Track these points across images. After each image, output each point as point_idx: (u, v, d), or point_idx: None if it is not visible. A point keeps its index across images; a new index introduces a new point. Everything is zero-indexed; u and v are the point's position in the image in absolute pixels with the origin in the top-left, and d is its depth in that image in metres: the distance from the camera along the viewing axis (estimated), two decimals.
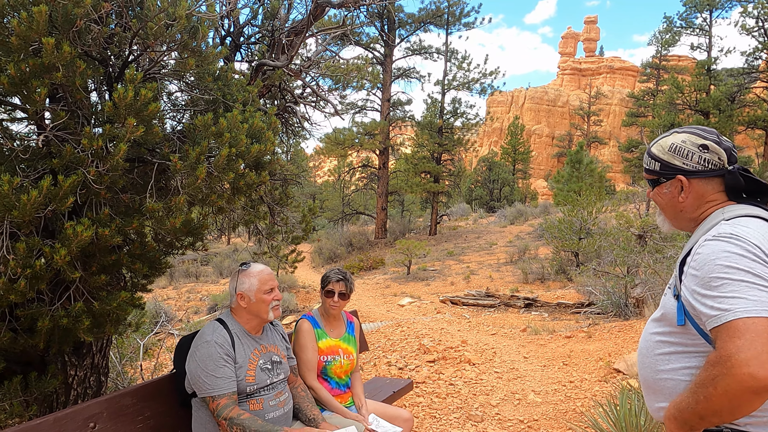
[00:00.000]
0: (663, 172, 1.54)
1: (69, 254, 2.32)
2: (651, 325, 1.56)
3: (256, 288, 2.60)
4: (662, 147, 1.55)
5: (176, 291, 17.41)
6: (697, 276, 1.32)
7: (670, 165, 1.52)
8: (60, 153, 2.37)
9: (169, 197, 2.68)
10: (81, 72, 2.33)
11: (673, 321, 1.43)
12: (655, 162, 1.55)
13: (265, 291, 2.60)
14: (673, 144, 1.52)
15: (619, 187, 49.82)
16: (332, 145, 24.02)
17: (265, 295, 2.59)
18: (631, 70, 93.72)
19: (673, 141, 1.53)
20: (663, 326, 1.49)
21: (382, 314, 11.11)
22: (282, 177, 4.27)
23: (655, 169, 1.56)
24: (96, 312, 2.66)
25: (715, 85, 29.42)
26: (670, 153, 1.52)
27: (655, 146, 1.57)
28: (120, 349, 5.93)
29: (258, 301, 2.59)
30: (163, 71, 2.86)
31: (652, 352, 1.49)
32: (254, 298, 2.60)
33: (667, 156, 1.53)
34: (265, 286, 2.60)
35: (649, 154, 1.58)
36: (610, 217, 14.81)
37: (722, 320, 1.21)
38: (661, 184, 1.57)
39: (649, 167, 1.58)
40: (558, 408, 4.71)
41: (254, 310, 2.61)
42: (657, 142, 1.57)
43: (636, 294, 7.77)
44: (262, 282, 2.61)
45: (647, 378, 1.52)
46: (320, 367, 3.04)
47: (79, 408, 2.36)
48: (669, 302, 1.47)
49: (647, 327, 1.59)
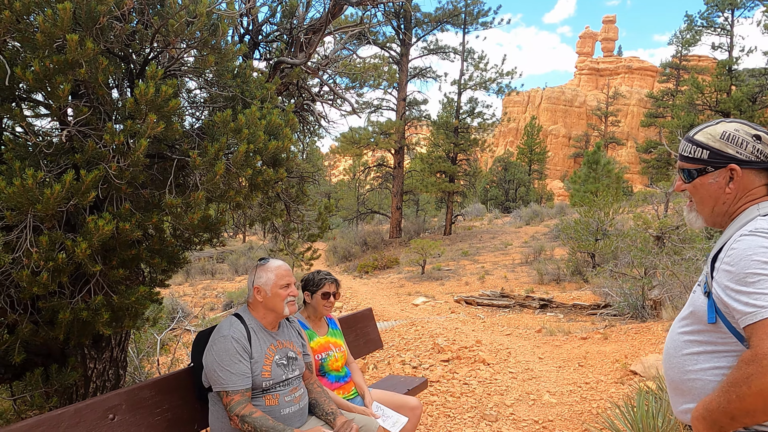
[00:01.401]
0: (712, 160, 1.46)
1: (90, 248, 2.35)
2: (678, 324, 1.52)
3: (273, 282, 2.63)
4: (711, 135, 1.47)
5: (192, 288, 17.59)
6: (730, 271, 1.28)
7: (722, 153, 1.44)
8: (82, 148, 2.40)
9: (188, 193, 2.71)
10: (103, 68, 2.37)
11: (703, 319, 1.39)
12: (702, 150, 1.47)
13: (281, 286, 2.62)
14: (725, 132, 1.45)
15: (636, 188, 49.26)
16: (348, 144, 24.07)
17: (281, 290, 2.62)
18: (650, 70, 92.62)
19: (725, 129, 1.45)
20: (692, 325, 1.45)
21: (396, 313, 11.11)
22: (299, 175, 4.29)
23: (702, 158, 1.48)
24: (115, 306, 2.70)
25: (736, 86, 28.95)
26: (722, 141, 1.45)
27: (701, 134, 1.50)
28: (137, 343, 6.01)
29: (274, 296, 2.62)
30: (184, 68, 2.89)
31: (680, 352, 1.46)
32: (270, 293, 2.62)
33: (719, 144, 1.45)
34: (281, 281, 2.63)
35: (694, 142, 1.50)
36: (628, 219, 14.65)
37: (758, 317, 1.19)
38: (707, 173, 1.48)
39: (693, 155, 1.49)
40: (573, 409, 4.68)
41: (270, 304, 2.64)
42: (703, 130, 1.50)
43: (653, 296, 7.68)
44: (279, 277, 2.63)
45: (674, 379, 1.48)
46: (317, 366, 3.13)
47: (98, 399, 2.40)
48: (699, 299, 1.43)
49: (674, 327, 1.54)
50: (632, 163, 66.93)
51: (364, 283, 16.91)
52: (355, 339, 4.13)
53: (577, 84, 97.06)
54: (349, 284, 16.24)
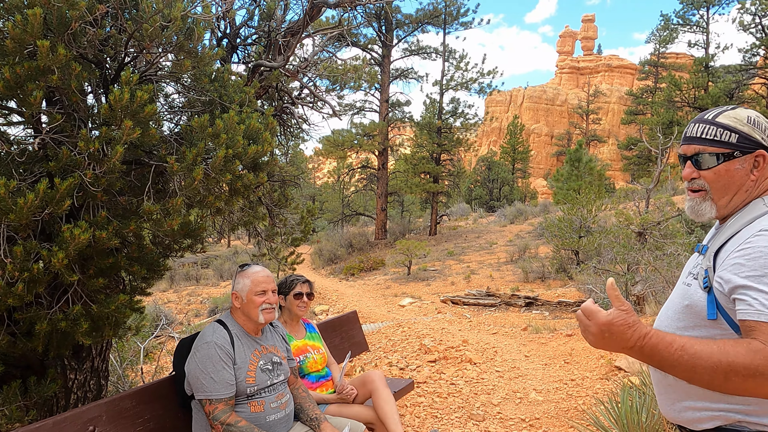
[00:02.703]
0: (741, 145, 1.36)
1: (66, 257, 2.31)
2: (671, 320, 1.46)
3: (249, 289, 2.60)
4: (737, 118, 1.38)
5: (177, 294, 17.40)
6: (744, 266, 1.24)
7: (751, 138, 1.36)
8: (56, 156, 2.36)
9: (166, 199, 2.68)
10: (77, 74, 2.33)
11: (702, 314, 1.34)
12: (730, 133, 1.37)
13: (257, 293, 2.59)
14: (749, 116, 1.38)
15: (618, 185, 49.80)
16: (331, 146, 24.02)
17: (256, 297, 2.59)
18: (629, 68, 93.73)
19: (748, 114, 1.38)
20: (688, 320, 1.39)
21: (383, 315, 11.10)
22: (281, 178, 4.27)
23: (730, 141, 1.37)
24: (94, 315, 2.65)
25: (713, 83, 29.43)
26: (750, 125, 1.37)
27: (724, 117, 1.39)
28: (120, 352, 5.92)
29: (249, 302, 2.60)
30: (160, 73, 2.85)
31: None
32: (246, 299, 2.60)
33: (748, 128, 1.37)
34: (257, 287, 2.60)
35: (718, 125, 1.39)
36: (610, 215, 14.81)
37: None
38: (734, 159, 1.38)
39: (720, 138, 1.38)
40: (560, 406, 4.71)
41: (246, 310, 2.62)
42: (725, 113, 1.40)
43: (636, 291, 7.76)
44: (255, 283, 2.61)
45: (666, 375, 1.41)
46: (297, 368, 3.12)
47: (78, 411, 2.35)
48: (696, 294, 1.38)
49: (663, 322, 1.49)
50: (614, 160, 67.64)
51: (350, 285, 16.87)
52: (340, 342, 4.11)
53: (559, 83, 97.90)
54: (335, 287, 16.19)
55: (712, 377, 1.19)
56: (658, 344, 1.24)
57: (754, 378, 1.16)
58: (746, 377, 1.16)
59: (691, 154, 1.43)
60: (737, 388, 1.19)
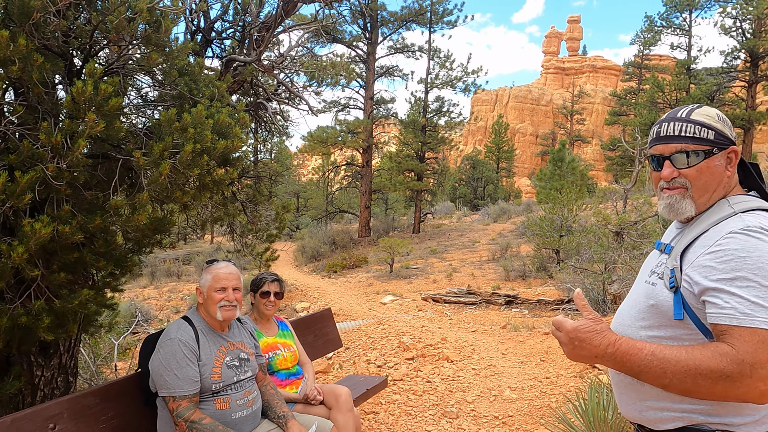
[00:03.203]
0: (718, 141, 1.37)
1: (27, 252, 2.27)
2: (632, 318, 1.45)
3: (209, 285, 2.59)
4: (709, 115, 1.39)
5: (157, 290, 17.24)
6: (715, 269, 1.24)
7: (724, 134, 1.38)
8: (17, 149, 2.32)
9: (132, 194, 2.64)
10: (39, 66, 2.28)
11: (668, 314, 1.34)
12: (708, 130, 1.37)
13: (216, 289, 2.58)
14: (718, 114, 1.39)
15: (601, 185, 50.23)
16: (315, 143, 23.92)
17: (215, 293, 2.57)
18: (613, 69, 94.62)
19: (717, 111, 1.40)
20: (652, 319, 1.38)
21: (364, 312, 11.09)
22: (255, 174, 4.24)
23: (709, 138, 1.37)
24: (57, 310, 2.61)
25: (695, 85, 29.81)
26: (721, 122, 1.39)
27: (698, 114, 1.40)
28: (94, 349, 5.85)
29: (209, 299, 2.58)
30: (129, 65, 2.81)
31: None
32: (206, 295, 2.59)
33: (720, 125, 1.38)
34: (217, 284, 2.58)
35: (696, 123, 1.38)
36: (590, 215, 14.94)
37: (755, 324, 1.16)
38: (713, 155, 1.38)
39: (699, 135, 1.37)
40: (533, 404, 4.74)
41: (206, 306, 2.60)
42: (696, 111, 1.40)
43: (613, 290, 7.84)
44: (216, 280, 2.59)
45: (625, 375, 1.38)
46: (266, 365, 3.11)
47: (38, 408, 2.31)
48: (661, 294, 1.37)
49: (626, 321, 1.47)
50: (597, 161, 68.28)
51: (332, 282, 16.84)
52: (314, 339, 4.10)
53: (544, 83, 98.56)
54: (317, 284, 16.15)
55: (682, 381, 1.21)
56: (628, 350, 1.27)
57: (723, 381, 1.17)
58: (714, 381, 1.17)
59: (669, 153, 1.41)
60: (707, 392, 1.20)
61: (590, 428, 2.84)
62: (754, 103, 28.46)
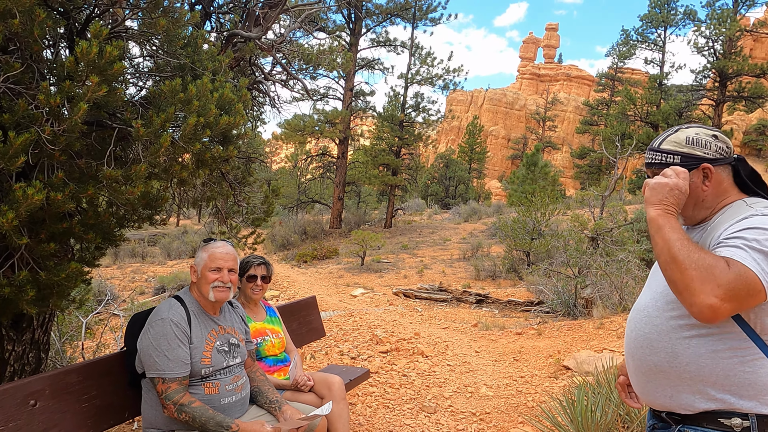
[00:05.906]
0: (685, 163, 1.55)
1: (17, 218, 2.14)
2: (659, 310, 1.52)
3: (204, 264, 2.51)
4: (676, 141, 1.58)
5: (121, 270, 16.81)
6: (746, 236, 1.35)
7: (692, 156, 1.55)
8: (12, 108, 2.18)
9: (129, 165, 2.52)
10: (40, 21, 2.15)
11: None
12: (673, 156, 1.57)
13: (211, 269, 2.50)
14: (687, 137, 1.56)
15: (569, 192, 51.20)
16: (292, 131, 23.62)
17: (209, 273, 2.49)
18: (587, 79, 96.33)
19: (686, 134, 1.57)
20: (682, 309, 1.44)
21: (335, 304, 11.02)
22: (246, 155, 4.13)
23: (675, 162, 1.57)
24: (42, 283, 2.48)
25: (665, 100, 30.60)
26: (689, 146, 1.56)
27: (666, 143, 1.59)
28: (60, 326, 5.64)
29: (202, 277, 2.51)
30: (131, 30, 2.68)
31: (671, 336, 1.46)
32: (200, 274, 2.51)
33: (687, 148, 1.56)
34: (213, 263, 2.50)
35: (663, 152, 1.59)
36: (562, 220, 15.17)
37: (747, 265, 1.28)
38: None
39: (665, 161, 1.58)
40: (509, 402, 4.77)
41: (199, 285, 2.52)
42: (666, 139, 1.60)
43: (586, 295, 7.97)
44: (211, 259, 2.51)
45: (658, 364, 1.48)
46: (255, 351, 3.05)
47: (18, 384, 2.19)
48: None
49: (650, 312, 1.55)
50: (566, 168, 69.49)
51: (302, 272, 16.70)
52: (298, 327, 4.03)
53: (519, 87, 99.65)
54: (287, 273, 15.98)
55: (662, 251, 1.38)
56: (675, 224, 1.44)
57: (674, 263, 1.33)
58: (669, 262, 1.34)
59: (651, 176, 1.62)
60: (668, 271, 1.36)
61: (579, 428, 2.86)
62: (720, 122, 29.40)
